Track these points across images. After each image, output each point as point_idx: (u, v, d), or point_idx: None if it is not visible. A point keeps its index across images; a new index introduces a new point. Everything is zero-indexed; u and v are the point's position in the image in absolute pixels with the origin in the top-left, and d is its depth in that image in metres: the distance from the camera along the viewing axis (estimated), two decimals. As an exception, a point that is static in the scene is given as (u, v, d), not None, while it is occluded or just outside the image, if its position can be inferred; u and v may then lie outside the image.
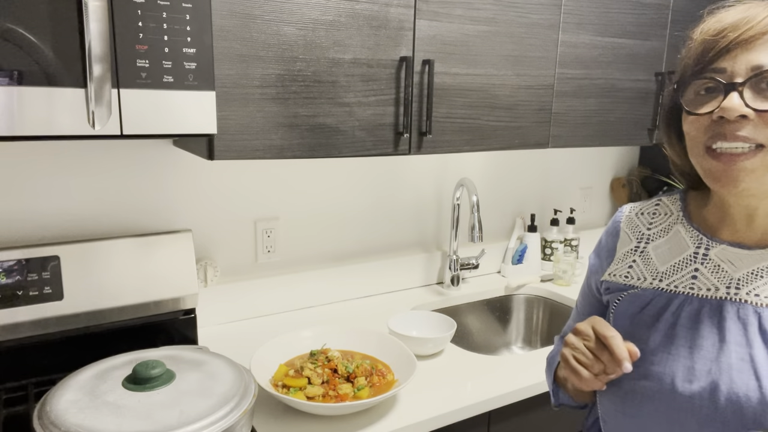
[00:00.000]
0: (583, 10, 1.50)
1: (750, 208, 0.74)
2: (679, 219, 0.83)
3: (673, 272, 0.79)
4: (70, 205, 1.29)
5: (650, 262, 0.82)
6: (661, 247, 0.82)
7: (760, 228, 0.74)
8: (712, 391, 0.69)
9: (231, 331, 1.49)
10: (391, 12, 1.21)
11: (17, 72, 0.83)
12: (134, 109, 0.92)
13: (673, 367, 0.72)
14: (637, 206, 0.89)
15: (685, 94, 0.73)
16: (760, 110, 0.66)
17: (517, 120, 1.46)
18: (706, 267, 0.76)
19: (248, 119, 1.10)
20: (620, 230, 0.88)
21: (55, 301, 1.18)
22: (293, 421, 1.09)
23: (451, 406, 1.16)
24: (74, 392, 0.91)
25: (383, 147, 1.27)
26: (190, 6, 0.93)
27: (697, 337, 0.72)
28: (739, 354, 0.69)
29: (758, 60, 0.67)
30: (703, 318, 0.73)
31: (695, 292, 0.76)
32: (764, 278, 0.72)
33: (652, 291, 0.79)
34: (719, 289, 0.74)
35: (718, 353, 0.70)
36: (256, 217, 1.54)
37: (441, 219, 1.88)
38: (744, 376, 0.67)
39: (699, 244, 0.78)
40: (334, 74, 1.18)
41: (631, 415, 0.76)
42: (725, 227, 0.77)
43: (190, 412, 0.87)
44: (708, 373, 0.70)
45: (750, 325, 0.70)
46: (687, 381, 0.71)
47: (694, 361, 0.71)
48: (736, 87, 0.67)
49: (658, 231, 0.84)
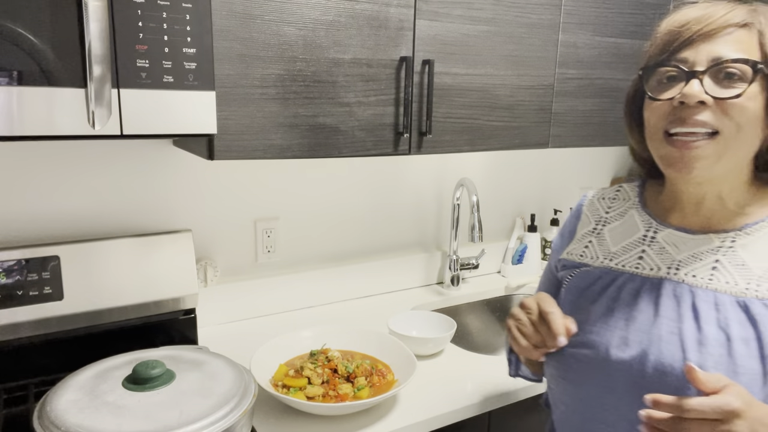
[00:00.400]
0: (583, 10, 1.50)
1: (699, 196, 0.79)
2: (635, 204, 0.89)
3: (623, 252, 0.85)
4: (70, 205, 1.29)
5: (604, 243, 0.89)
6: (616, 230, 0.89)
7: (705, 214, 0.80)
8: (642, 359, 0.74)
9: (231, 331, 1.49)
10: (391, 12, 1.21)
11: (17, 72, 0.83)
12: (134, 109, 0.92)
13: (609, 337, 0.78)
14: (600, 191, 0.97)
15: (649, 81, 0.78)
16: (718, 98, 0.71)
17: (517, 120, 1.46)
18: (652, 249, 0.83)
19: (248, 119, 1.10)
20: (582, 213, 0.95)
21: (55, 301, 1.18)
22: (293, 421, 1.09)
23: (451, 406, 1.16)
24: (74, 392, 0.91)
25: (383, 147, 1.27)
26: (190, 6, 0.93)
27: (634, 311, 0.78)
28: (670, 327, 0.75)
29: (718, 52, 0.72)
30: (643, 294, 0.79)
31: (639, 271, 0.82)
32: (702, 261, 0.77)
33: (602, 269, 0.85)
34: (661, 269, 0.80)
35: (651, 326, 0.76)
36: (256, 217, 1.54)
37: (441, 219, 1.88)
38: (671, 347, 0.73)
39: (649, 228, 0.85)
40: (334, 74, 1.18)
41: (571, 380, 0.82)
42: (674, 213, 0.83)
43: (190, 412, 0.87)
44: (639, 343, 0.75)
45: (683, 302, 0.76)
46: (620, 349, 0.77)
47: (628, 332, 0.77)
48: (696, 75, 0.72)
49: (615, 215, 0.91)
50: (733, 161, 0.75)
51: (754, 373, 0.69)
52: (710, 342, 0.71)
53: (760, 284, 0.73)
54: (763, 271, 0.74)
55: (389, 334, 1.34)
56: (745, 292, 0.73)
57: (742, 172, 0.78)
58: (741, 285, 0.74)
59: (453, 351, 1.42)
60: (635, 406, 0.75)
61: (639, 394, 0.73)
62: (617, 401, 0.77)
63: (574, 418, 0.83)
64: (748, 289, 0.73)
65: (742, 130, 0.72)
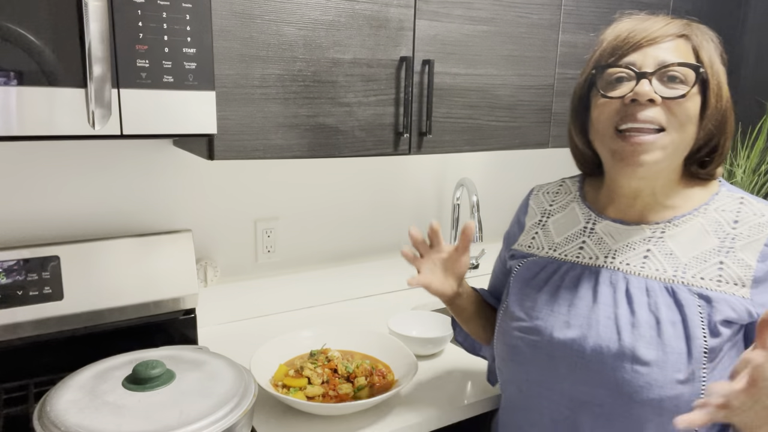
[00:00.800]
0: (583, 10, 1.50)
1: (637, 190, 0.87)
2: (576, 198, 0.98)
3: (566, 243, 0.93)
4: (70, 205, 1.29)
5: (549, 234, 0.97)
6: (559, 221, 0.97)
7: (639, 207, 0.88)
8: (581, 342, 0.82)
9: (231, 331, 1.49)
10: (391, 12, 1.21)
11: (17, 72, 0.83)
12: (134, 109, 0.92)
13: (553, 322, 0.86)
14: (544, 186, 1.05)
15: (599, 80, 0.85)
16: (665, 97, 0.79)
17: (517, 120, 1.46)
18: (591, 239, 0.91)
19: (248, 119, 1.10)
20: (529, 206, 1.04)
21: (55, 301, 1.18)
22: (293, 421, 1.09)
23: (451, 406, 1.16)
24: (74, 392, 0.91)
25: (383, 147, 1.27)
26: (190, 6, 0.93)
27: (575, 298, 0.86)
28: (606, 312, 0.82)
29: (663, 57, 0.80)
30: (583, 282, 0.87)
31: (580, 260, 0.90)
32: (636, 250, 0.86)
33: (547, 259, 0.94)
34: (599, 258, 0.88)
35: (590, 311, 0.84)
36: (256, 217, 1.54)
37: (441, 219, 1.88)
38: (608, 330, 0.81)
39: (588, 220, 0.93)
40: (334, 74, 1.18)
41: (519, 362, 0.89)
42: (612, 206, 0.91)
43: (190, 412, 0.87)
44: (580, 327, 0.83)
45: (619, 289, 0.83)
46: (562, 333, 0.84)
47: (570, 317, 0.85)
48: (646, 75, 0.80)
49: (558, 207, 0.99)
50: (674, 157, 0.83)
51: (680, 352, 0.77)
52: (642, 325, 0.79)
53: (686, 271, 0.82)
54: (688, 259, 0.82)
55: (389, 334, 1.34)
56: (673, 279, 0.82)
57: (675, 171, 0.86)
58: (669, 272, 0.82)
59: (453, 351, 1.42)
60: (575, 385, 0.83)
61: (579, 373, 0.82)
62: (560, 381, 0.84)
63: (520, 397, 0.91)
64: (675, 275, 0.82)
65: (684, 128, 0.81)
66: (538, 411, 0.88)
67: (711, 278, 0.80)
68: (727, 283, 0.80)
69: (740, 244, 0.81)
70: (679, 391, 0.76)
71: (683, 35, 0.83)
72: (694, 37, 0.83)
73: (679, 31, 0.83)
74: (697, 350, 0.77)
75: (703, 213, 0.85)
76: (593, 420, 0.82)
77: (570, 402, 0.84)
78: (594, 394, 0.81)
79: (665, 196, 0.87)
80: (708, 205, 0.86)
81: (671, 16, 0.86)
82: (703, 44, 0.83)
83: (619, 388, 0.79)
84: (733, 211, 0.84)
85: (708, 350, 0.77)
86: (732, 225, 0.83)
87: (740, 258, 0.80)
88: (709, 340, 0.77)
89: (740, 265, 0.80)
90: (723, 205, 0.86)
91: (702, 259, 0.82)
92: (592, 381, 0.81)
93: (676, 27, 0.83)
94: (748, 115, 2.01)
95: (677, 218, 0.86)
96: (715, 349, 0.77)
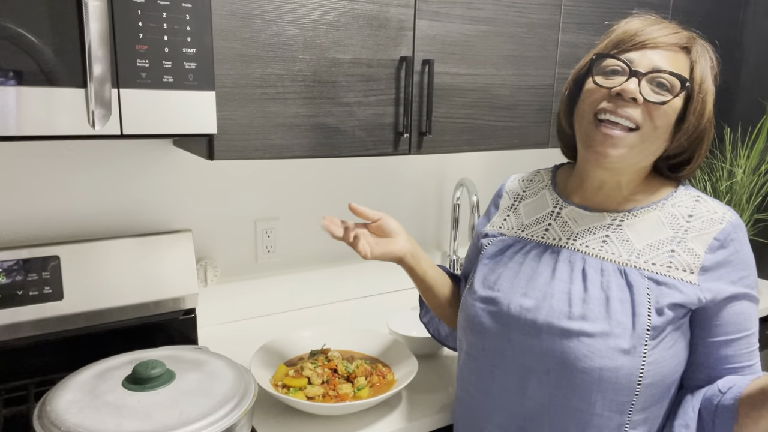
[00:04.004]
0: (583, 10, 1.50)
1: (602, 181, 0.93)
2: (547, 185, 1.04)
3: (533, 225, 1.00)
4: (70, 205, 1.29)
5: (519, 217, 1.03)
6: (530, 206, 1.03)
7: (603, 196, 0.94)
8: (535, 312, 0.88)
9: (231, 331, 1.49)
10: (391, 12, 1.21)
11: (17, 72, 0.83)
12: (134, 109, 0.92)
13: (511, 294, 0.92)
14: (520, 175, 1.11)
15: (596, 66, 0.89)
16: (649, 100, 0.84)
17: (517, 120, 1.46)
18: (556, 222, 0.97)
19: (248, 119, 1.10)
20: (503, 192, 1.10)
21: (55, 301, 1.18)
22: (293, 421, 1.09)
23: (451, 406, 1.16)
24: (74, 392, 0.91)
25: (383, 147, 1.27)
26: (190, 6, 0.93)
27: (535, 274, 0.92)
28: (561, 287, 0.89)
29: (658, 62, 0.85)
30: (544, 260, 0.93)
31: (544, 240, 0.96)
32: (596, 235, 0.92)
33: (514, 238, 1.00)
34: (561, 239, 0.95)
35: (547, 286, 0.90)
36: (256, 217, 1.54)
37: (441, 219, 1.88)
38: (560, 303, 0.87)
39: (556, 205, 0.99)
40: (334, 74, 1.18)
41: (477, 331, 0.95)
42: (578, 193, 0.98)
43: (190, 412, 0.87)
44: (535, 299, 0.89)
45: (576, 267, 0.90)
46: (518, 305, 0.90)
47: (527, 289, 0.91)
48: (638, 75, 0.84)
49: (530, 193, 1.05)
50: (641, 157, 0.87)
51: (624, 327, 0.83)
52: (593, 300, 0.86)
53: (639, 257, 0.88)
54: (642, 246, 0.89)
55: (389, 334, 1.34)
56: (627, 262, 0.88)
57: (643, 170, 0.92)
58: (624, 256, 0.89)
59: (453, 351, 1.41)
60: (526, 353, 0.89)
61: (530, 341, 0.88)
62: (512, 349, 0.90)
63: (474, 366, 0.96)
64: (629, 260, 0.88)
65: (657, 132, 0.85)
66: (490, 378, 0.93)
67: (662, 264, 0.87)
68: (676, 269, 0.86)
69: (692, 235, 0.88)
70: (620, 362, 0.82)
71: (685, 48, 0.88)
72: (694, 52, 0.88)
73: (682, 43, 0.87)
74: (641, 326, 0.83)
75: (661, 207, 0.92)
76: (540, 387, 0.88)
77: (520, 369, 0.89)
78: (542, 361, 0.87)
79: (629, 189, 0.93)
80: (666, 200, 0.92)
81: (681, 26, 0.90)
82: (700, 61, 0.88)
83: (564, 356, 0.85)
84: (689, 207, 0.91)
85: (651, 328, 0.83)
86: (686, 219, 0.89)
87: (690, 248, 0.87)
88: (653, 319, 0.83)
89: (690, 254, 0.86)
90: (680, 201, 0.92)
91: (655, 247, 0.88)
92: (541, 349, 0.87)
93: (680, 38, 0.88)
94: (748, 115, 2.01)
95: (636, 209, 0.92)
96: (658, 327, 0.83)
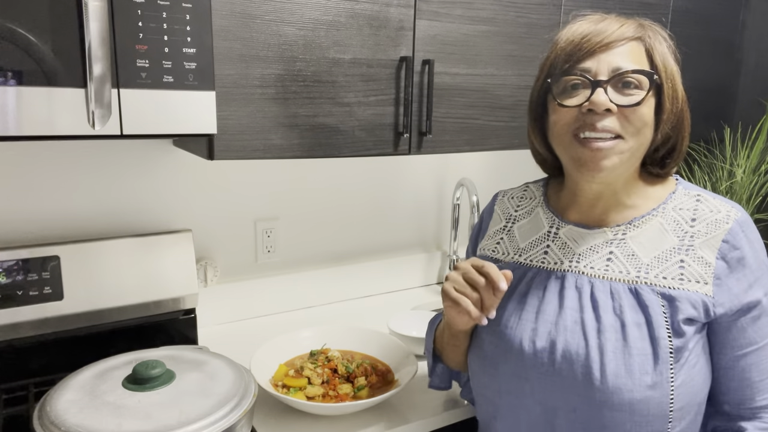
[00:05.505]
0: (582, 10, 1.50)
1: (596, 194, 0.88)
2: (540, 203, 0.98)
3: (531, 248, 0.94)
4: (70, 205, 1.29)
5: (514, 240, 0.97)
6: (524, 227, 0.97)
7: (601, 208, 0.89)
8: (551, 349, 0.83)
9: (231, 331, 1.49)
10: (391, 12, 1.21)
11: (17, 72, 0.83)
12: (134, 109, 0.92)
13: (522, 331, 0.86)
14: (509, 191, 1.05)
15: (555, 88, 0.84)
16: (621, 105, 0.79)
17: (517, 120, 1.46)
18: (555, 244, 0.91)
19: (248, 119, 1.10)
20: (494, 211, 1.04)
21: (55, 301, 1.18)
22: (293, 421, 1.09)
23: (450, 406, 1.16)
24: (74, 392, 0.91)
25: (383, 147, 1.27)
26: (190, 6, 0.93)
27: (542, 304, 0.86)
28: (573, 317, 0.83)
29: (617, 63, 0.80)
30: (549, 287, 0.87)
31: (545, 265, 0.90)
32: (598, 253, 0.87)
33: (512, 264, 0.94)
34: (563, 262, 0.88)
35: (557, 317, 0.84)
36: (256, 217, 1.54)
37: (441, 219, 1.88)
38: (576, 336, 0.81)
39: (552, 224, 0.94)
40: (334, 74, 1.18)
41: (491, 374, 0.89)
42: (573, 209, 0.92)
43: (190, 412, 0.87)
44: (548, 334, 0.83)
45: (584, 293, 0.84)
46: (531, 341, 0.84)
47: (538, 324, 0.85)
48: (601, 84, 0.79)
49: (523, 213, 0.99)
50: (631, 161, 0.83)
51: (645, 354, 0.78)
52: (607, 329, 0.80)
53: (649, 271, 0.83)
54: (650, 259, 0.84)
55: (389, 334, 1.34)
56: (636, 279, 0.83)
57: (634, 172, 0.88)
58: (632, 273, 0.83)
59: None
60: (548, 393, 0.83)
61: (550, 380, 0.82)
62: (533, 390, 0.84)
63: (495, 408, 0.90)
64: (639, 276, 0.83)
65: (640, 133, 0.81)
66: (515, 419, 0.88)
67: (673, 277, 0.82)
68: (689, 281, 0.81)
69: (699, 242, 0.83)
70: (648, 394, 0.78)
71: (637, 38, 0.83)
72: (647, 39, 0.83)
73: (632, 34, 0.82)
74: (663, 351, 0.78)
75: (662, 212, 0.87)
76: (569, 424, 0.82)
77: (545, 409, 0.84)
78: (567, 400, 0.82)
79: (626, 195, 0.88)
80: (666, 204, 0.87)
81: (625, 17, 0.85)
82: (656, 46, 0.83)
83: (589, 395, 0.79)
84: (691, 209, 0.86)
85: (674, 350, 0.78)
86: (690, 223, 0.85)
87: (700, 256, 0.82)
88: (674, 341, 0.79)
89: (700, 263, 0.82)
90: (680, 203, 0.87)
91: (663, 259, 0.83)
92: (563, 388, 0.82)
93: (629, 29, 0.83)
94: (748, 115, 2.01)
95: (637, 219, 0.87)
96: (681, 348, 0.79)
